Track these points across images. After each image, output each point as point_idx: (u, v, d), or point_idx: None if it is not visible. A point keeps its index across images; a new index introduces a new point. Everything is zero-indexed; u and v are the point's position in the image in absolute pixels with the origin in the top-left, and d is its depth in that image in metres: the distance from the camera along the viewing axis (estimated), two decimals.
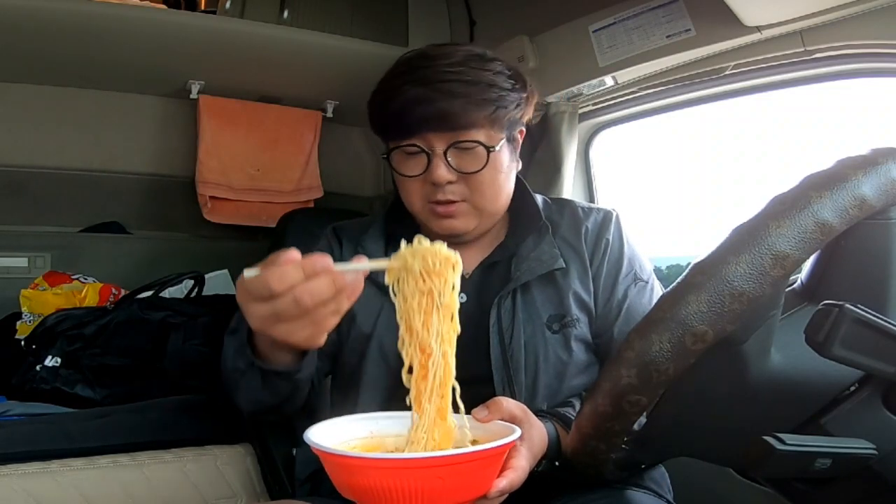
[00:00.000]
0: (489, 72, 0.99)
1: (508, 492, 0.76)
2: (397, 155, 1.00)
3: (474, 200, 0.99)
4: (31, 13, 1.40)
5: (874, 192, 0.56)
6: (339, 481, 0.72)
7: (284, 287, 0.69)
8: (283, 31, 1.63)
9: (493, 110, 0.97)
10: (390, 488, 0.68)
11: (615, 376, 0.59)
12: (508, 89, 0.99)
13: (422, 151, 0.98)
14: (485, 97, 0.97)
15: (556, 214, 1.09)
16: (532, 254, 1.03)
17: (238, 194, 1.88)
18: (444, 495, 0.69)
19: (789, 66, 1.26)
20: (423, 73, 0.97)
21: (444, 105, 0.95)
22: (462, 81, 0.96)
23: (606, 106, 1.62)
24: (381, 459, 0.70)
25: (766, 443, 0.55)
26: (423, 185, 0.99)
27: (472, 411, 0.80)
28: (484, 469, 0.72)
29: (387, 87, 1.00)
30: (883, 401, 0.61)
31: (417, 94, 0.96)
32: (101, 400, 1.42)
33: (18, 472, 1.15)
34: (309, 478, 1.07)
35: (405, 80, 0.98)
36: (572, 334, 1.00)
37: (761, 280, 0.54)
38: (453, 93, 0.95)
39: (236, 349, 0.88)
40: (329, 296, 0.70)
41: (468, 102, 0.96)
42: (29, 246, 1.77)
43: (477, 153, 0.98)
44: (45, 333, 1.46)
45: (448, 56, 0.99)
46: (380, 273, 0.83)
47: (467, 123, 0.96)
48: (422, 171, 0.98)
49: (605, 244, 1.05)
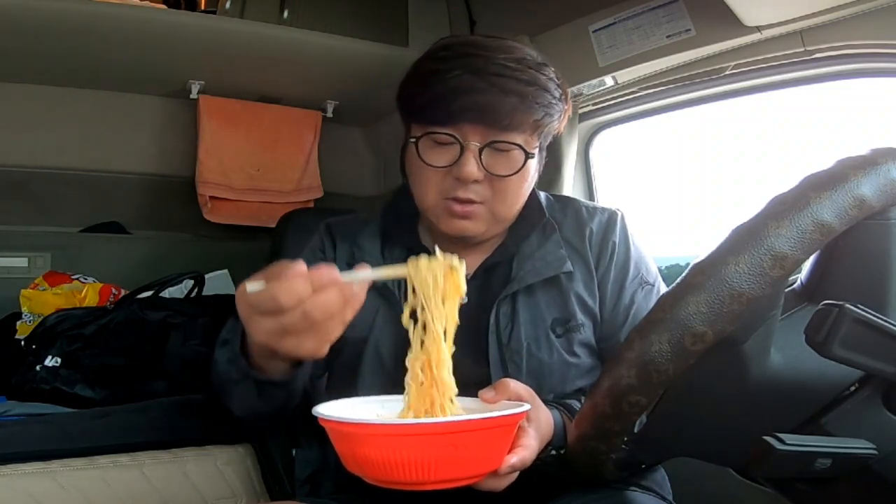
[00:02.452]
0: (544, 76, 0.94)
1: (519, 469, 0.76)
2: (425, 141, 0.94)
3: (494, 205, 0.95)
4: (31, 13, 1.40)
5: (874, 193, 0.56)
6: (347, 454, 0.71)
7: (294, 302, 0.67)
8: (283, 31, 1.63)
9: (541, 116, 0.93)
10: (400, 458, 0.66)
11: (615, 376, 0.59)
12: (557, 99, 0.95)
13: (454, 143, 0.92)
14: (537, 101, 0.92)
15: (560, 213, 1.06)
16: (536, 253, 1.00)
17: (238, 194, 1.88)
18: (455, 466, 0.68)
19: (789, 66, 1.26)
20: (476, 62, 0.91)
21: (495, 100, 0.89)
22: (518, 80, 0.91)
23: (606, 106, 1.62)
24: (391, 426, 0.68)
25: (766, 443, 0.55)
26: (445, 179, 0.94)
27: (479, 392, 0.80)
28: (496, 439, 0.71)
29: (430, 69, 0.94)
30: (883, 401, 0.61)
31: (468, 82, 0.90)
32: (101, 400, 1.42)
33: (18, 472, 1.15)
34: (308, 478, 1.07)
35: (455, 64, 0.91)
36: (576, 339, 0.98)
37: (761, 280, 0.54)
38: (507, 89, 0.90)
39: (229, 360, 0.85)
40: (338, 308, 0.69)
41: (521, 102, 0.90)
42: (29, 246, 1.77)
43: (513, 157, 0.93)
44: (45, 333, 1.46)
45: (505, 50, 0.93)
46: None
47: (512, 124, 0.91)
48: (449, 164, 0.93)
49: (611, 248, 1.02)
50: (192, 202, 1.85)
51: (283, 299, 0.67)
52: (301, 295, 0.67)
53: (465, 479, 0.71)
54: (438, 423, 0.69)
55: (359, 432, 0.68)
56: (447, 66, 0.92)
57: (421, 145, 0.94)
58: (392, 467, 0.67)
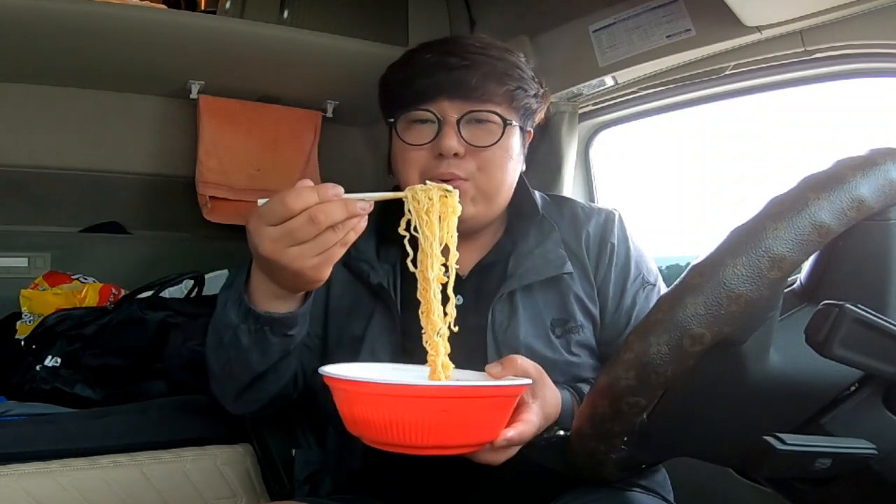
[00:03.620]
0: (513, 56, 0.98)
1: (516, 443, 0.76)
2: (403, 122, 0.97)
3: (480, 181, 0.95)
4: (31, 13, 1.40)
5: (872, 194, 0.56)
6: (346, 413, 0.73)
7: (301, 205, 0.72)
8: (283, 31, 1.63)
9: (513, 87, 0.95)
10: (390, 418, 0.68)
11: (614, 378, 0.59)
12: (529, 78, 0.99)
13: (432, 120, 0.94)
14: (507, 73, 0.95)
15: (556, 213, 1.06)
16: (536, 251, 0.99)
17: (238, 194, 1.87)
18: (449, 432, 0.69)
19: (789, 66, 1.26)
20: (445, 47, 0.96)
21: (464, 73, 0.93)
22: (488, 56, 0.95)
23: (606, 106, 1.62)
24: (382, 385, 0.70)
25: (766, 443, 0.55)
26: (428, 157, 0.95)
27: (486, 367, 0.81)
28: (491, 411, 0.72)
29: (404, 60, 0.99)
30: (883, 401, 0.61)
31: (437, 61, 0.94)
32: (101, 400, 1.42)
33: (18, 472, 1.15)
34: (308, 478, 1.07)
35: (428, 50, 0.97)
36: (574, 339, 0.97)
37: (758, 282, 0.54)
38: (476, 63, 0.93)
39: (232, 300, 0.86)
40: (341, 218, 0.73)
41: (490, 73, 0.94)
42: (29, 246, 1.77)
43: (491, 127, 0.95)
44: (45, 333, 1.46)
45: (473, 38, 0.99)
46: (372, 275, 0.85)
47: (485, 94, 0.94)
48: (429, 140, 0.94)
49: (609, 250, 1.02)
50: (191, 202, 1.85)
51: (291, 201, 0.72)
52: (307, 201, 0.72)
53: (458, 447, 0.72)
54: (429, 386, 0.71)
55: (351, 390, 0.71)
56: (420, 54, 0.96)
57: (400, 127, 0.96)
58: (383, 428, 0.69)
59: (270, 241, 0.74)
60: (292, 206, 0.72)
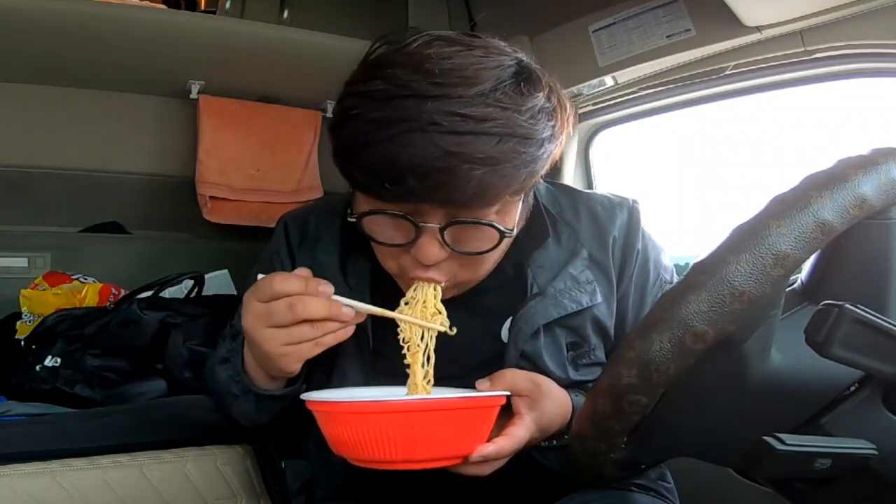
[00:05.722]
0: (527, 112, 0.71)
1: (495, 458, 0.74)
2: (370, 219, 0.76)
3: (461, 278, 0.81)
4: (31, 13, 1.40)
5: (874, 192, 0.56)
6: (326, 435, 0.75)
7: (285, 290, 0.73)
8: (283, 31, 1.63)
9: (521, 179, 0.72)
10: (360, 436, 0.69)
11: (615, 376, 0.59)
12: (548, 137, 0.74)
13: (408, 221, 0.74)
14: (516, 163, 0.70)
15: (572, 214, 0.92)
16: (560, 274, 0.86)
17: (238, 194, 1.87)
18: (417, 446, 0.69)
19: (789, 66, 1.26)
20: (429, 108, 0.67)
21: (457, 181, 0.68)
22: (489, 135, 0.68)
23: (606, 106, 1.62)
24: (342, 404, 0.72)
25: (766, 443, 0.55)
26: (403, 255, 0.78)
27: (476, 382, 0.81)
28: (460, 424, 0.71)
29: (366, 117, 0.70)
30: (883, 401, 0.61)
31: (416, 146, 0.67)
32: (101, 400, 1.42)
33: (18, 472, 1.15)
34: (301, 488, 1.07)
35: (397, 112, 0.68)
36: (582, 362, 0.90)
37: (762, 280, 0.54)
38: (472, 156, 0.67)
39: (230, 377, 0.89)
40: (319, 316, 0.73)
41: (492, 175, 0.69)
42: (29, 246, 1.76)
43: (485, 234, 0.76)
44: (44, 333, 1.46)
45: (469, 82, 0.69)
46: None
47: (483, 200, 0.71)
48: (405, 243, 0.76)
49: (634, 256, 0.91)
50: (191, 202, 1.85)
51: (278, 283, 0.74)
52: (291, 288, 0.73)
53: (429, 460, 0.72)
54: (388, 401, 0.71)
55: (322, 410, 0.74)
56: (386, 115, 0.68)
57: (366, 221, 0.76)
58: (354, 445, 0.70)
59: (253, 316, 0.75)
60: (277, 288, 0.73)
